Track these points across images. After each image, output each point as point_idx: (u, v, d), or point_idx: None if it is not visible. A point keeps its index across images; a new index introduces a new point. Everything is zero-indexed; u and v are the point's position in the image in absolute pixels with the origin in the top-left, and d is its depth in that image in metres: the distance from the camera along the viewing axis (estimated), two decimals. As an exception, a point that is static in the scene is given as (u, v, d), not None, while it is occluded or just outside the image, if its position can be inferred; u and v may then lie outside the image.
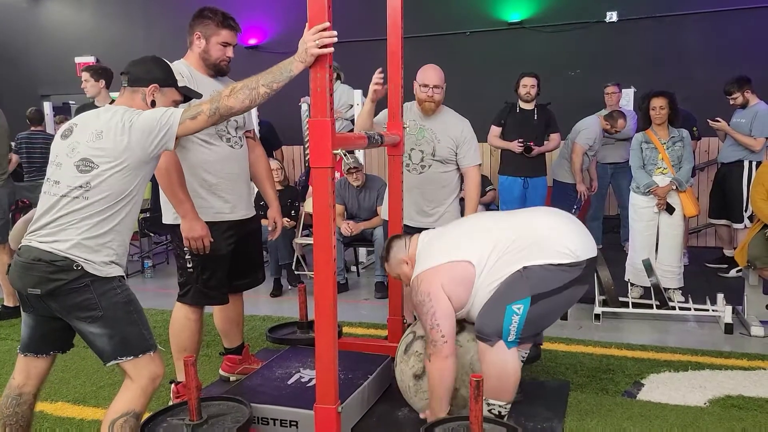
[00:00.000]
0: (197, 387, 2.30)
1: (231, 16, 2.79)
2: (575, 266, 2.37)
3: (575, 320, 4.16)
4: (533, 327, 2.42)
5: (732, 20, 6.40)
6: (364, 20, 6.51)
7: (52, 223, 2.00)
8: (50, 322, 2.08)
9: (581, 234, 2.48)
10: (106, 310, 2.00)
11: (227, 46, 2.78)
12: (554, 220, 2.52)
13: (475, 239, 2.48)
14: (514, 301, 2.33)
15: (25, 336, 2.14)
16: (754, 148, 4.91)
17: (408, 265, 2.64)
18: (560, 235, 2.42)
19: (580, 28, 6.87)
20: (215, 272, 2.82)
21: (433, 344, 2.40)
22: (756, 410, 2.81)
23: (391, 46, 3.09)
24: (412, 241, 2.67)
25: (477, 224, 2.64)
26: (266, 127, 6.50)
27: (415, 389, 2.65)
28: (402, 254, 2.67)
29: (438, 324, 2.38)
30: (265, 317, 4.35)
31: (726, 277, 5.16)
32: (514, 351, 2.40)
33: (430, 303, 2.40)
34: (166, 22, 8.41)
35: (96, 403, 3.04)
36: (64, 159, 2.04)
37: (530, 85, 5.03)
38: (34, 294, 1.98)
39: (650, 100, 4.33)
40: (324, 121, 2.15)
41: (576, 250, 2.37)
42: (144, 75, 2.18)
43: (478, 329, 2.42)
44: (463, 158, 3.43)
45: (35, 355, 2.15)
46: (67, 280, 1.96)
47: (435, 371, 2.41)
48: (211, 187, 2.77)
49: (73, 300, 1.98)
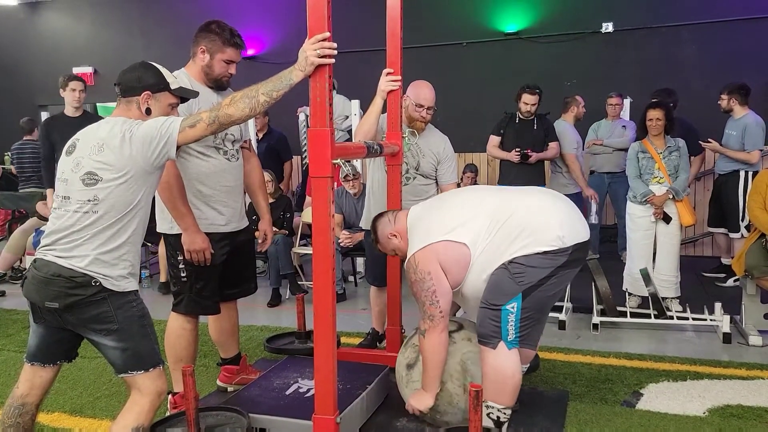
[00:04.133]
0: (195, 397, 2.29)
1: (238, 33, 2.79)
2: (561, 252, 2.37)
3: (573, 330, 4.15)
4: (531, 321, 2.44)
5: (727, 31, 6.45)
6: (359, 31, 6.56)
7: (66, 238, 2.01)
8: (60, 332, 2.09)
9: (571, 218, 2.47)
10: (121, 323, 2.02)
11: (231, 63, 2.79)
12: (547, 202, 2.52)
13: (470, 219, 2.49)
14: (507, 302, 2.37)
15: (32, 345, 2.14)
16: (750, 161, 4.94)
17: (398, 238, 2.67)
18: (550, 219, 2.42)
19: (576, 39, 6.92)
20: (208, 282, 2.83)
21: (430, 318, 2.45)
22: (755, 419, 2.80)
23: (391, 56, 3.11)
24: (398, 215, 2.71)
25: (469, 201, 2.63)
26: (278, 136, 6.34)
27: (406, 379, 2.69)
28: (389, 228, 2.70)
29: (438, 300, 2.44)
30: (263, 327, 4.33)
31: (723, 286, 5.16)
32: (514, 353, 2.41)
33: (431, 281, 2.45)
34: (164, 31, 8.44)
35: (93, 413, 3.01)
36: (70, 175, 2.05)
37: (531, 104, 5.02)
38: (51, 307, 1.99)
39: (647, 112, 4.36)
40: (323, 131, 2.16)
41: (564, 236, 2.38)
42: (135, 83, 2.16)
43: (479, 335, 2.45)
44: (443, 175, 3.48)
45: (42, 364, 2.14)
46: (86, 295, 1.98)
47: (430, 345, 2.46)
48: (206, 198, 2.78)
49: (90, 312, 1.99)
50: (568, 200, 2.61)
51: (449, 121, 5.48)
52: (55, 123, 4.95)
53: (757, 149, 4.92)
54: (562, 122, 5.52)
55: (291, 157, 6.56)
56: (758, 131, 4.94)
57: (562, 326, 4.15)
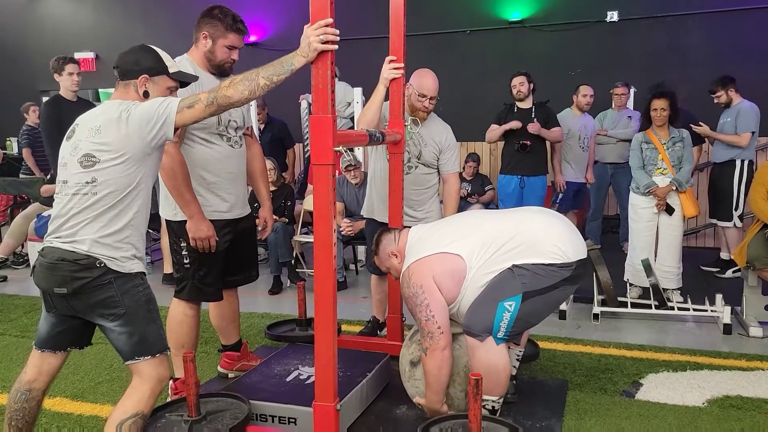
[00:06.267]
0: (196, 383, 2.30)
1: (240, 18, 2.77)
2: (565, 267, 2.37)
3: (574, 320, 4.16)
4: (522, 324, 2.43)
5: (733, 20, 6.40)
6: (361, 18, 6.51)
7: (68, 222, 2.01)
8: (71, 320, 2.10)
9: (571, 235, 2.48)
10: (128, 308, 2.02)
11: (233, 49, 2.77)
12: (545, 220, 2.52)
13: (466, 236, 2.48)
14: (506, 298, 2.34)
15: (43, 332, 2.14)
16: (740, 144, 4.94)
17: (397, 258, 2.64)
18: (550, 235, 2.42)
19: (581, 28, 6.87)
20: (211, 269, 2.83)
21: (429, 336, 2.40)
22: (754, 410, 2.81)
23: (393, 44, 3.08)
24: (402, 235, 2.68)
25: (468, 222, 2.64)
26: (279, 125, 6.30)
27: (409, 375, 2.68)
28: (392, 247, 2.67)
29: (433, 315, 2.38)
30: (263, 314, 4.35)
31: (723, 277, 5.16)
32: (503, 347, 2.41)
33: (423, 295, 2.39)
34: (165, 17, 8.39)
35: (94, 399, 3.03)
36: (69, 159, 2.05)
37: (519, 83, 5.03)
38: (59, 294, 2.00)
39: (651, 102, 4.33)
40: (325, 118, 2.14)
41: (567, 251, 2.38)
42: (133, 67, 2.15)
43: (467, 325, 2.42)
44: (445, 164, 3.46)
45: (52, 351, 2.15)
46: (92, 277, 1.98)
47: (432, 365, 2.41)
48: (209, 185, 2.78)
49: (97, 297, 2.00)
50: (565, 219, 2.61)
51: (452, 110, 5.45)
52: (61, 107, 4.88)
53: (748, 132, 4.91)
54: (567, 110, 5.56)
55: (294, 143, 6.55)
56: (751, 114, 4.95)
57: (563, 316, 4.15)
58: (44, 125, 4.86)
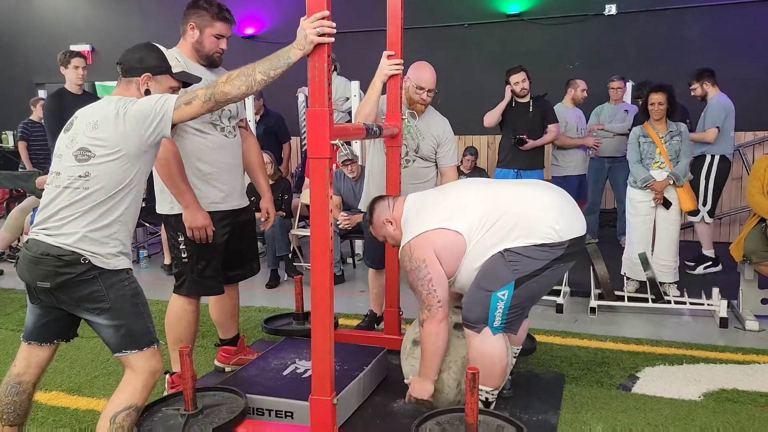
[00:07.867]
0: (192, 377, 2.30)
1: (226, 7, 2.76)
2: (557, 246, 2.36)
3: (571, 313, 4.17)
4: (519, 309, 2.43)
5: (731, 14, 6.39)
6: (359, 10, 6.48)
7: (56, 215, 1.99)
8: (55, 311, 2.09)
9: (568, 212, 2.46)
10: (113, 302, 2.01)
11: (221, 38, 2.76)
12: (542, 196, 2.50)
13: (465, 210, 2.47)
14: (499, 288, 2.35)
15: (29, 324, 2.14)
16: (706, 140, 4.88)
17: (393, 225, 2.63)
18: (546, 213, 2.40)
19: (579, 21, 6.85)
20: (210, 262, 2.81)
21: (428, 309, 2.42)
22: (750, 404, 2.82)
23: (391, 37, 3.07)
24: (397, 202, 2.67)
25: (466, 193, 2.60)
26: (275, 117, 6.28)
27: (409, 352, 2.68)
28: (386, 214, 2.65)
29: (435, 290, 2.40)
30: (260, 308, 4.34)
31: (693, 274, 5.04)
32: (500, 337, 2.42)
33: (426, 269, 2.41)
34: (161, 9, 8.33)
35: (90, 393, 3.03)
36: (64, 151, 2.04)
37: (521, 80, 5.00)
38: (43, 287, 1.98)
39: (649, 95, 4.32)
40: (322, 111, 2.13)
41: (560, 230, 2.36)
42: (136, 64, 2.15)
43: (464, 317, 2.44)
44: (443, 157, 3.45)
45: (39, 343, 2.15)
46: (75, 273, 1.96)
47: (429, 335, 2.43)
48: (205, 176, 2.76)
49: (81, 292, 1.99)
50: (565, 193, 2.58)
51: (449, 103, 5.43)
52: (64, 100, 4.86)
53: (714, 127, 4.85)
54: (559, 105, 5.53)
55: (289, 139, 6.52)
56: (718, 109, 4.87)
57: (560, 310, 4.16)
58: (47, 118, 4.88)
